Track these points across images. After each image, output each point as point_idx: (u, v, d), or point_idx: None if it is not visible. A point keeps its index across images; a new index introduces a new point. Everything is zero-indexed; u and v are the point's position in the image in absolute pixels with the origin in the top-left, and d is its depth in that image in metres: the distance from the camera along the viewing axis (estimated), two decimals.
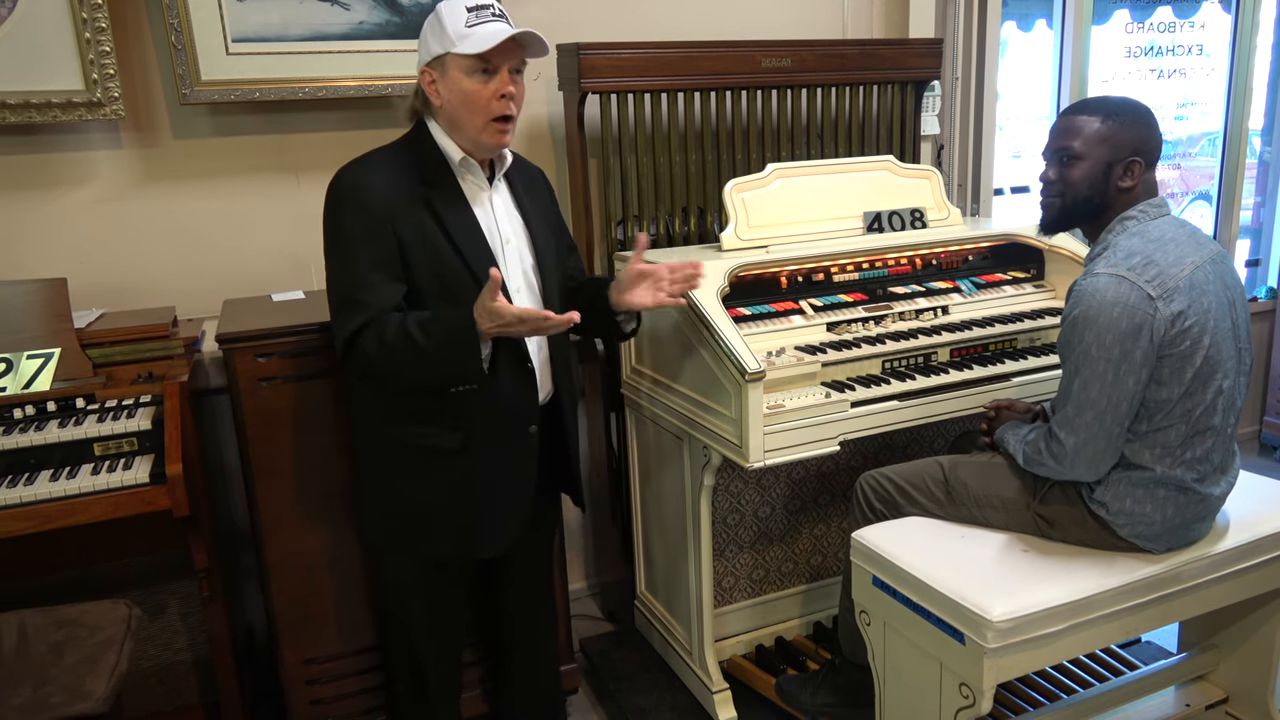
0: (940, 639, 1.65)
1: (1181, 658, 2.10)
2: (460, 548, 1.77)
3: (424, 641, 1.88)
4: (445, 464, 1.70)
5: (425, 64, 1.64)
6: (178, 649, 2.16)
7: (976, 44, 2.99)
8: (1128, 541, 1.73)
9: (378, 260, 1.59)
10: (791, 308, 2.24)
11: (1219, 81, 3.75)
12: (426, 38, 1.64)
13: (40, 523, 1.74)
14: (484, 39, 1.58)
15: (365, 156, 1.69)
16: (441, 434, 1.68)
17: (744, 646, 2.46)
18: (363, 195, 1.60)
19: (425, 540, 1.76)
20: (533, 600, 2.06)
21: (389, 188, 1.62)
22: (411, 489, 1.73)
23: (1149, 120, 1.73)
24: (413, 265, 1.62)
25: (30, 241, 2.20)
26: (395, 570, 1.85)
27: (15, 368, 1.91)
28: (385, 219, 1.59)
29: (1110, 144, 1.70)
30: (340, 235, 1.61)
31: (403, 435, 1.70)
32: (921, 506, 1.92)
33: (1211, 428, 1.68)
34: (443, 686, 1.95)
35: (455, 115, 1.64)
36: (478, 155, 1.70)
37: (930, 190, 2.47)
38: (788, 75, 2.56)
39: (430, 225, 1.62)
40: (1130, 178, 1.71)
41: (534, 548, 2.00)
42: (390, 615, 1.92)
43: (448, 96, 1.63)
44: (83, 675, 1.53)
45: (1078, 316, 1.65)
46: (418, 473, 1.72)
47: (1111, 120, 1.71)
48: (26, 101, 2.07)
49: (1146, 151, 1.71)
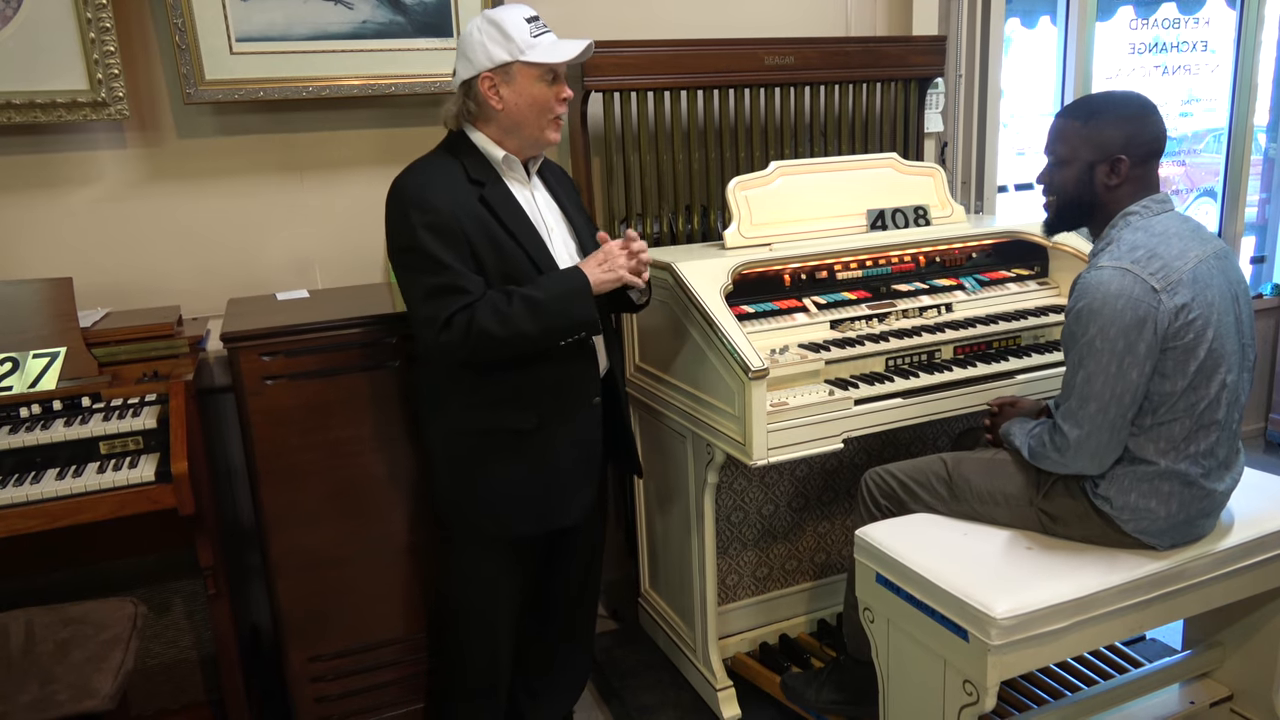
0: (944, 636, 1.65)
1: (1186, 655, 2.10)
2: (543, 522, 1.84)
3: (501, 633, 1.93)
4: (523, 444, 1.78)
5: (486, 70, 1.71)
6: (183, 647, 2.17)
7: (980, 41, 2.98)
8: (1132, 537, 1.73)
9: (457, 254, 1.68)
10: (795, 305, 2.24)
11: (1223, 78, 3.74)
12: (485, 45, 1.70)
13: (47, 521, 1.75)
14: (562, 50, 1.73)
15: (418, 164, 1.77)
16: (517, 415, 1.76)
17: (748, 644, 2.47)
18: (425, 196, 1.68)
19: (510, 521, 1.82)
20: (588, 571, 2.11)
21: (446, 189, 1.70)
22: (493, 474, 1.79)
23: (1138, 116, 1.71)
24: (480, 257, 1.71)
25: (35, 241, 2.21)
26: (473, 560, 1.89)
27: (21, 367, 1.92)
28: (451, 217, 1.68)
29: (1092, 144, 1.72)
30: (414, 236, 1.67)
31: (479, 422, 1.78)
32: (925, 503, 1.92)
33: (1216, 422, 1.68)
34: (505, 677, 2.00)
35: (519, 117, 1.75)
36: (524, 154, 1.81)
37: (934, 188, 2.46)
38: (791, 73, 2.56)
39: (489, 220, 1.72)
40: (1116, 176, 1.71)
41: (592, 519, 2.03)
42: (466, 608, 1.93)
43: (513, 101, 1.73)
44: (89, 673, 1.54)
45: (1082, 309, 1.65)
46: (498, 457, 1.79)
47: (1093, 120, 1.72)
48: (31, 101, 2.08)
49: (1135, 148, 1.70)
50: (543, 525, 1.84)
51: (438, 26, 2.38)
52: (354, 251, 2.46)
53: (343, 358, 1.99)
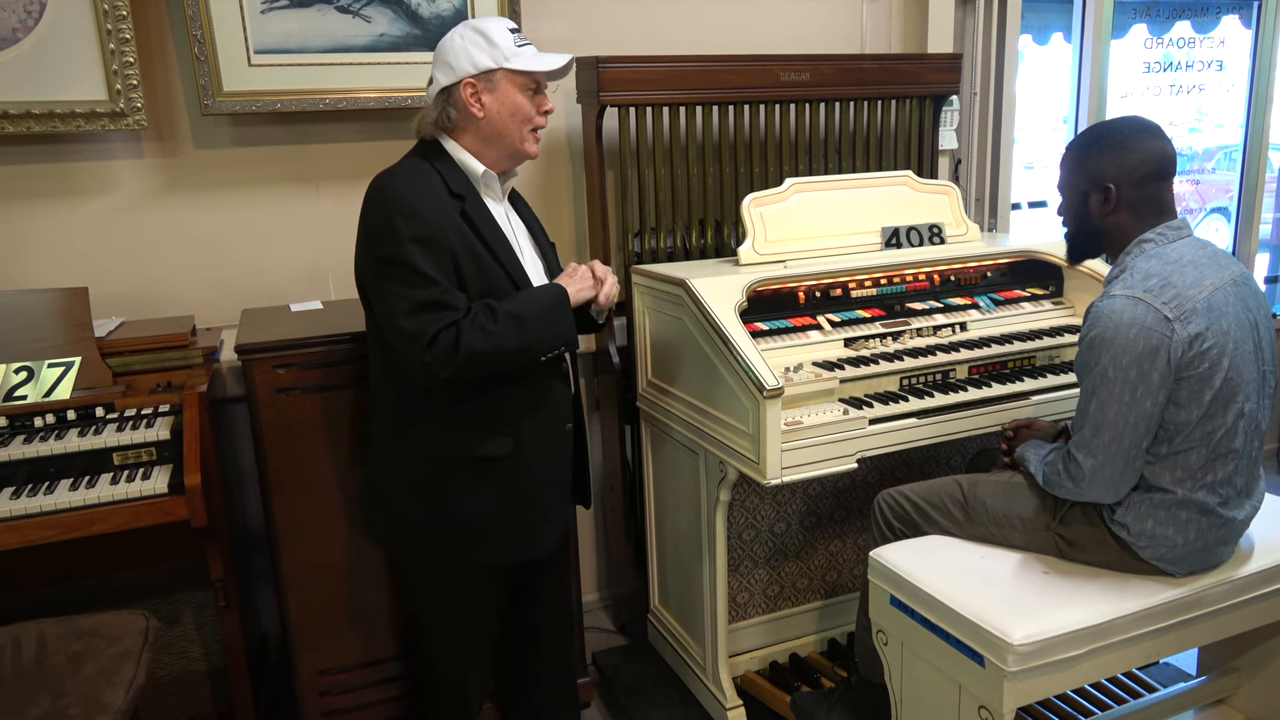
0: (959, 661, 1.64)
1: (1201, 681, 2.08)
2: (517, 552, 1.78)
3: (470, 657, 1.87)
4: (496, 470, 1.72)
5: (469, 76, 1.67)
6: (192, 658, 2.17)
7: (995, 59, 2.98)
8: (1149, 564, 1.71)
9: (442, 266, 1.62)
10: (809, 323, 2.23)
11: (1237, 97, 3.73)
12: (469, 51, 1.67)
13: (61, 532, 1.74)
14: (545, 60, 1.70)
15: (399, 168, 1.70)
16: (491, 440, 1.71)
17: (758, 662, 2.45)
18: (414, 205, 1.62)
19: (482, 550, 1.75)
20: (559, 604, 2.05)
21: (430, 200, 1.64)
22: (464, 501, 1.72)
23: (1126, 142, 1.70)
24: (462, 272, 1.66)
25: (52, 250, 2.22)
26: (446, 589, 1.81)
27: (36, 376, 1.92)
28: (438, 229, 1.62)
29: (1084, 174, 1.74)
30: (401, 248, 1.60)
31: (451, 448, 1.70)
32: (940, 526, 1.91)
33: (1233, 451, 1.67)
34: (478, 702, 1.95)
35: (499, 127, 1.71)
36: (501, 168, 1.77)
37: (949, 206, 2.46)
38: (806, 89, 2.56)
39: (470, 235, 1.67)
40: (1109, 204, 1.71)
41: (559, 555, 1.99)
42: (435, 635, 1.86)
43: (494, 109, 1.69)
44: (101, 687, 1.53)
45: (1094, 338, 1.64)
46: (469, 483, 1.72)
47: (1081, 152, 1.75)
48: (51, 111, 2.09)
49: (1126, 173, 1.69)
50: (519, 554, 1.78)
51: None
52: None
53: (356, 370, 1.99)
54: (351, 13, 2.28)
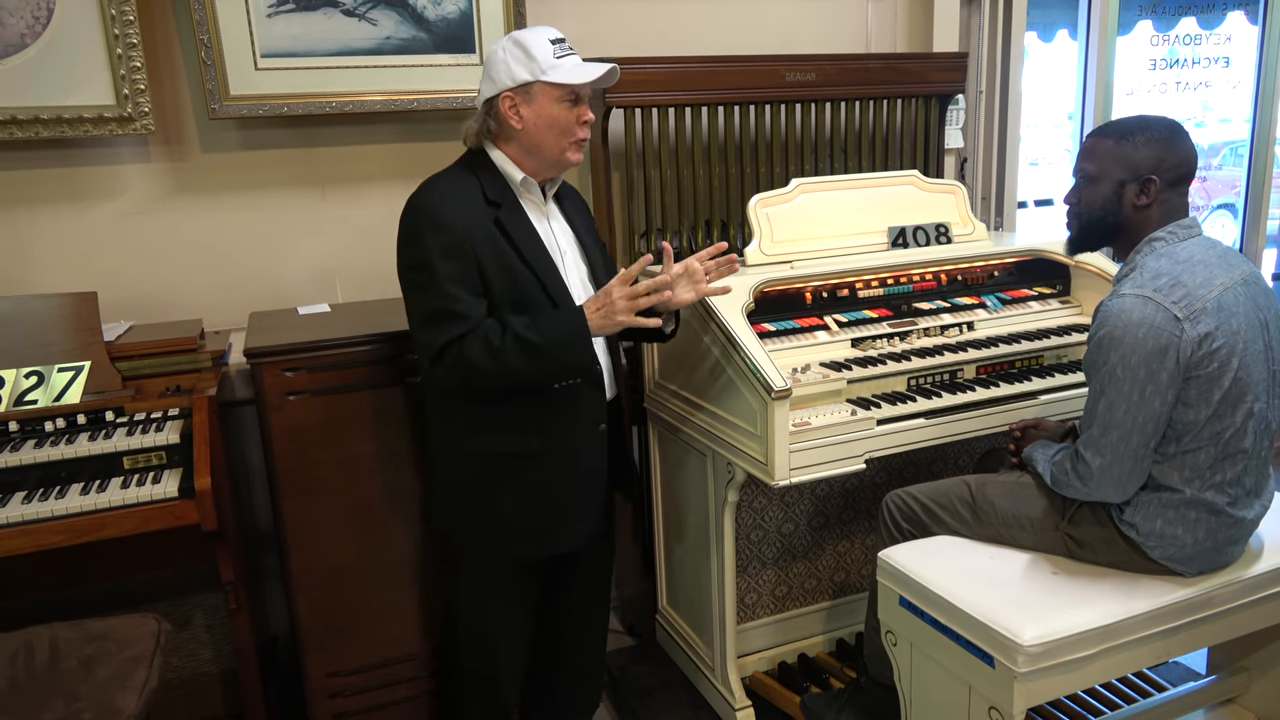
0: (969, 661, 1.64)
1: (1211, 680, 2.08)
2: (541, 547, 1.82)
3: (503, 651, 1.90)
4: (525, 467, 1.76)
5: (507, 89, 1.71)
6: (203, 660, 2.18)
7: (1001, 57, 2.97)
8: (1159, 563, 1.71)
9: (463, 276, 1.66)
10: (816, 323, 2.23)
11: (1243, 93, 3.72)
12: (509, 64, 1.70)
13: (71, 536, 1.75)
14: (583, 72, 1.71)
15: (434, 180, 1.75)
16: (520, 439, 1.75)
17: (767, 663, 2.45)
18: (442, 216, 1.66)
19: (509, 543, 1.81)
20: (591, 601, 2.07)
21: (462, 208, 1.69)
22: (495, 495, 1.78)
23: (1170, 139, 1.71)
24: (490, 280, 1.69)
25: (60, 254, 2.22)
26: (481, 582, 1.86)
27: (46, 381, 1.93)
28: (464, 238, 1.66)
29: (1123, 163, 1.71)
30: (425, 254, 1.66)
31: (483, 444, 1.76)
32: (948, 526, 1.91)
33: (1243, 450, 1.66)
34: (513, 697, 1.98)
35: (539, 138, 1.73)
36: (542, 175, 1.79)
37: (955, 205, 2.45)
38: (812, 89, 2.55)
39: (502, 242, 1.70)
40: (1145, 196, 1.70)
41: (597, 547, 2.01)
42: (467, 627, 1.92)
43: (532, 120, 1.72)
44: (113, 691, 1.54)
45: (1103, 337, 1.64)
46: (500, 479, 1.77)
47: (1126, 140, 1.72)
48: (59, 116, 2.09)
49: (1166, 169, 1.70)
50: (542, 549, 1.82)
51: (460, 42, 2.39)
52: (374, 265, 2.46)
53: (364, 373, 2.00)
54: (357, 16, 2.28)
